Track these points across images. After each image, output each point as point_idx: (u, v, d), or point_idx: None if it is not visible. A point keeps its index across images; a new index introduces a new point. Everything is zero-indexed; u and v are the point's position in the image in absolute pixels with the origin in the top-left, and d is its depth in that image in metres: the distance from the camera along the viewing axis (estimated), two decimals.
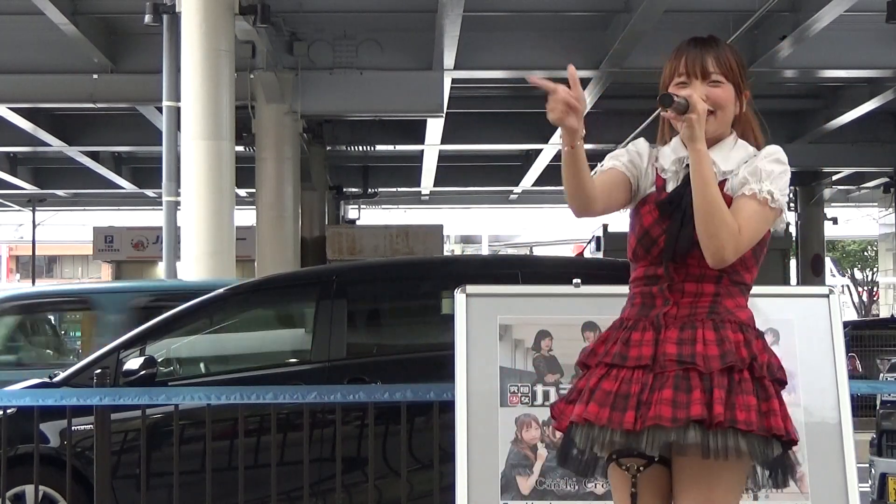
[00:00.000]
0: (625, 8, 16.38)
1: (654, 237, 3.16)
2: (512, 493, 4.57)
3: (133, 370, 6.59)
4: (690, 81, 3.20)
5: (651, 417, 3.01)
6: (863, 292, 49.43)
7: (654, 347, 3.10)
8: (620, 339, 3.16)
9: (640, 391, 3.05)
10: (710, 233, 3.05)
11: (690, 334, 3.10)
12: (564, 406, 3.19)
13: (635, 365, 3.09)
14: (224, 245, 12.30)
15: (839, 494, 4.55)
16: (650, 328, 3.14)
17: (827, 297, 4.78)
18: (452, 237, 51.16)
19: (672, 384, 3.03)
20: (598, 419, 3.05)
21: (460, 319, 4.68)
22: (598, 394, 3.09)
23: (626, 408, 3.04)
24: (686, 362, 3.06)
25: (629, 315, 3.22)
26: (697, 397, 3.01)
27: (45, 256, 56.56)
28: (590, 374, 3.17)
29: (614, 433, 3.04)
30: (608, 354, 3.15)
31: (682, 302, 3.14)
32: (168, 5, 13.08)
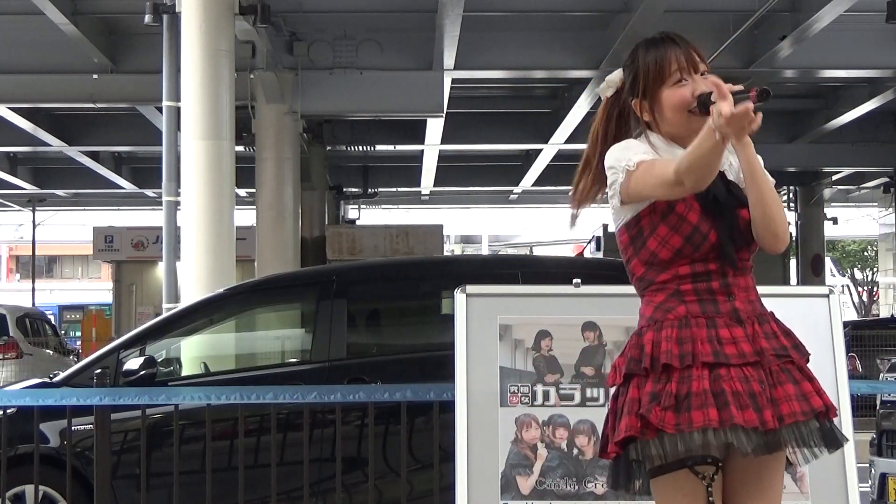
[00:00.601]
0: (625, 8, 16.38)
1: (703, 233, 3.11)
2: (512, 493, 4.56)
3: (133, 370, 6.60)
4: (689, 77, 3.18)
5: (788, 415, 3.02)
6: (863, 292, 49.42)
7: (750, 343, 3.07)
8: (707, 337, 3.05)
9: (762, 388, 3.02)
10: (776, 218, 3.11)
11: (769, 328, 3.14)
12: (662, 413, 2.99)
13: (740, 363, 3.04)
14: (224, 245, 12.29)
15: (839, 494, 4.55)
16: (734, 324, 3.09)
17: (827, 297, 4.78)
18: (452, 237, 51.16)
19: (787, 379, 3.07)
20: (747, 422, 2.96)
21: (460, 319, 4.68)
22: (729, 396, 2.97)
23: (761, 407, 3.00)
24: (783, 356, 3.10)
25: (691, 311, 3.10)
26: (810, 389, 3.08)
27: (45, 256, 56.53)
28: (681, 376, 3.01)
29: (755, 434, 2.98)
30: (703, 354, 3.03)
31: (741, 296, 3.14)
32: (168, 5, 13.07)
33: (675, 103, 3.17)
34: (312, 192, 23.14)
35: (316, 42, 18.00)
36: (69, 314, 39.34)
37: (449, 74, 18.19)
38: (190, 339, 7.42)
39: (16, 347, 21.15)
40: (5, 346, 20.98)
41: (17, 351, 21.12)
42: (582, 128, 21.79)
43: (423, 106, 18.57)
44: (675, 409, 2.99)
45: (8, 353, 20.92)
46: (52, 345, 23.34)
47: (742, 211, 3.14)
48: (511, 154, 28.70)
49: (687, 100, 3.15)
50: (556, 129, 22.31)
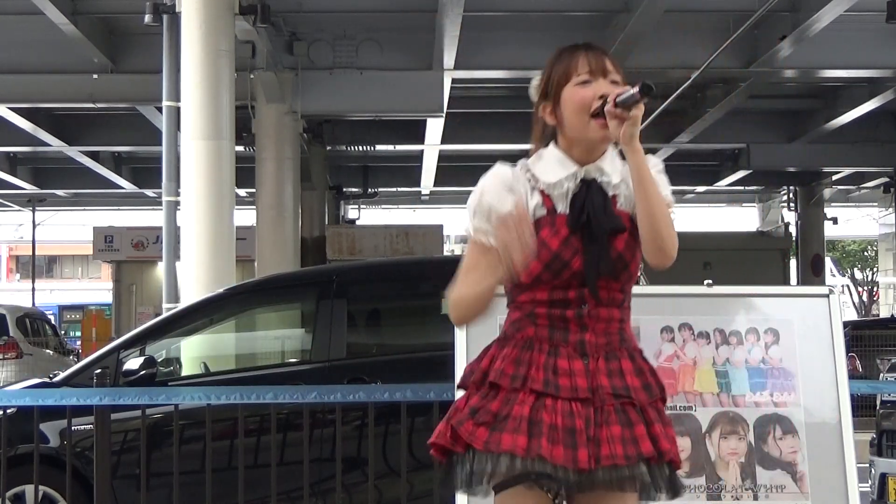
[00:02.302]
0: (625, 8, 16.38)
1: (565, 260, 2.98)
2: None
3: (133, 370, 6.60)
4: (595, 79, 3.04)
5: (606, 456, 2.91)
6: (863, 292, 49.42)
7: (587, 378, 2.97)
8: (544, 364, 2.97)
9: (586, 426, 2.92)
10: (663, 232, 2.96)
11: (616, 365, 3.01)
12: (475, 428, 2.95)
13: (571, 397, 2.94)
14: (224, 245, 12.29)
15: (839, 494, 4.55)
16: (576, 356, 2.99)
17: (827, 297, 4.78)
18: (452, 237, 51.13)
19: (617, 419, 2.95)
20: (553, 457, 2.87)
21: None
22: (544, 427, 2.90)
23: (577, 445, 2.90)
24: (622, 396, 2.97)
25: (539, 335, 3.01)
26: (642, 433, 2.96)
27: (45, 256, 56.53)
28: (507, 397, 2.95)
29: (565, 471, 2.88)
30: (534, 380, 2.95)
31: (598, 328, 3.01)
32: (168, 5, 13.07)
33: (576, 102, 3.03)
34: (312, 192, 23.14)
35: (316, 42, 18.00)
36: (69, 314, 39.36)
37: (449, 74, 18.19)
38: (190, 339, 7.42)
39: (16, 347, 21.15)
40: (5, 346, 20.98)
41: (17, 351, 21.12)
42: None
43: (423, 106, 18.57)
44: (489, 426, 2.94)
45: (8, 353, 20.92)
46: (52, 345, 23.34)
47: (616, 241, 3.01)
48: (511, 154, 28.59)
49: (587, 100, 3.01)
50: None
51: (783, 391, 4.65)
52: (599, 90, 3.01)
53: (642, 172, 2.96)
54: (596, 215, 3.00)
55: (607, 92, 2.99)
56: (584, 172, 3.06)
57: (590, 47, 3.10)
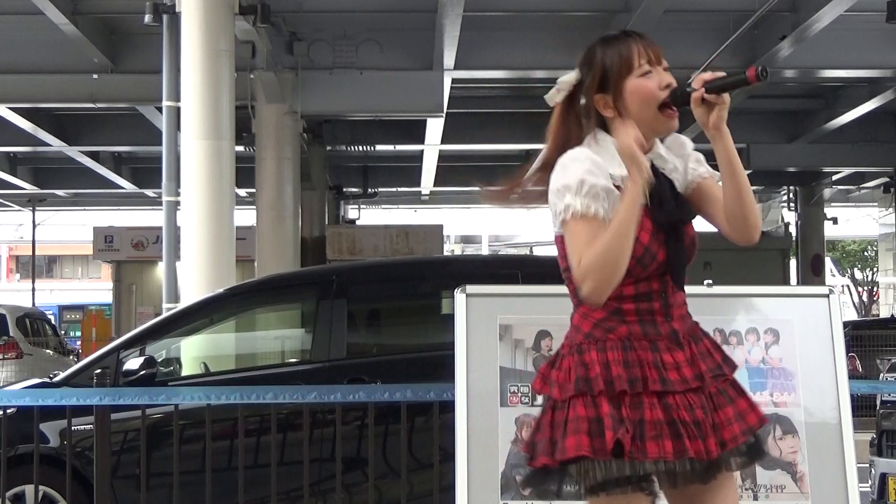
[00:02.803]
0: (625, 8, 16.38)
1: (654, 252, 3.01)
2: (512, 493, 4.56)
3: (133, 370, 6.60)
4: (655, 69, 3.05)
5: (730, 440, 2.99)
6: (863, 292, 49.42)
7: (691, 367, 3.00)
8: (651, 362, 2.97)
9: (706, 415, 2.97)
10: (752, 212, 3.05)
11: (703, 347, 3.08)
12: (632, 439, 2.91)
13: (684, 389, 2.97)
14: (224, 245, 12.29)
15: (839, 494, 4.55)
16: (675, 347, 3.01)
17: (827, 297, 4.78)
18: (452, 237, 51.15)
19: (724, 401, 3.02)
20: (698, 454, 2.92)
21: (460, 319, 4.68)
22: (680, 427, 2.92)
23: (705, 435, 2.94)
24: (718, 375, 3.05)
25: (633, 333, 3.00)
26: (745, 406, 3.05)
27: (45, 256, 56.53)
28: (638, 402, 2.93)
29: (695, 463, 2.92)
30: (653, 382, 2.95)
31: (676, 315, 3.06)
32: (168, 5, 13.07)
33: (642, 94, 3.02)
34: (312, 192, 23.14)
35: (316, 42, 17.99)
36: (69, 314, 39.36)
37: (449, 74, 18.19)
38: (190, 339, 7.42)
39: (16, 347, 21.15)
40: (5, 346, 20.98)
41: (17, 351, 21.12)
42: None
43: (423, 106, 18.56)
44: (631, 436, 2.91)
45: (8, 353, 20.92)
46: (52, 345, 23.34)
47: (687, 227, 3.08)
48: (511, 154, 28.70)
49: (654, 91, 3.01)
50: None
51: (783, 391, 4.65)
52: (663, 80, 3.03)
53: (731, 155, 3.01)
54: (669, 204, 3.05)
55: (670, 81, 3.01)
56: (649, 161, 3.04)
57: (638, 36, 3.11)
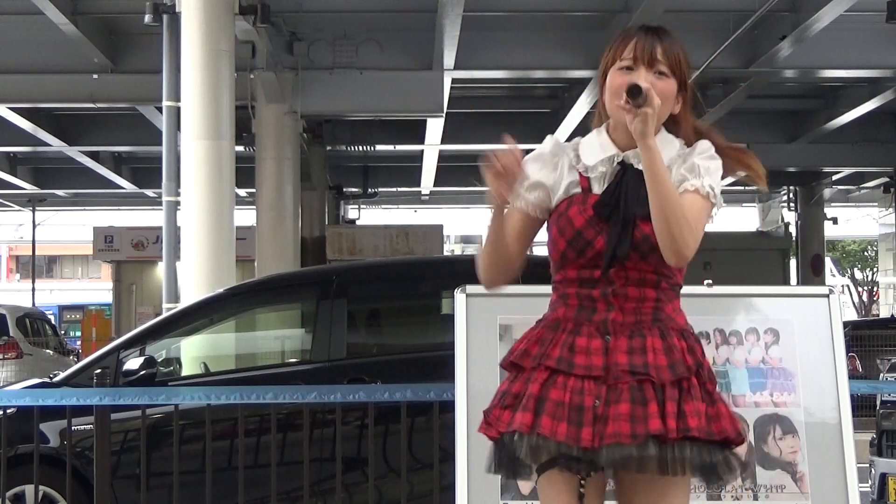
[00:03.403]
0: (625, 8, 16.38)
1: (588, 239, 3.02)
2: (512, 493, 4.56)
3: (133, 370, 6.60)
4: (636, 67, 3.03)
5: (610, 435, 2.89)
6: (863, 292, 49.43)
7: (603, 357, 2.97)
8: (562, 342, 3.01)
9: (595, 405, 2.92)
10: (672, 232, 2.91)
11: (640, 343, 2.99)
12: (501, 412, 3.01)
13: (584, 374, 2.95)
14: (224, 245, 12.29)
15: (839, 494, 4.55)
16: (597, 335, 3.00)
17: (827, 297, 4.78)
18: (452, 237, 51.14)
19: (628, 397, 2.92)
20: (555, 434, 2.90)
21: (460, 319, 4.67)
22: (549, 405, 2.93)
23: (583, 423, 2.90)
24: (640, 373, 2.94)
25: (566, 316, 3.06)
26: (654, 411, 2.91)
27: (45, 256, 56.53)
28: (527, 377, 3.00)
29: (570, 448, 2.91)
30: (548, 357, 2.99)
31: (627, 308, 3.01)
32: (168, 5, 13.07)
33: (612, 87, 3.05)
34: (312, 192, 23.15)
35: (316, 42, 17.99)
36: (69, 314, 39.36)
37: (449, 74, 18.19)
38: (190, 339, 7.42)
39: (16, 347, 21.15)
40: (5, 346, 20.98)
41: (17, 351, 21.12)
42: (582, 128, 21.80)
43: (423, 106, 18.56)
44: (511, 408, 2.99)
45: (8, 353, 20.92)
46: (52, 345, 23.34)
47: (644, 224, 2.99)
48: None
49: (620, 87, 2.98)
50: (556, 130, 22.31)
51: (783, 391, 4.65)
52: (637, 79, 2.99)
53: (653, 171, 2.92)
54: (626, 199, 3.01)
55: (642, 83, 2.95)
56: (622, 157, 3.07)
57: (649, 32, 3.09)
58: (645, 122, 2.90)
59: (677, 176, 3.03)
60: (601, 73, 3.14)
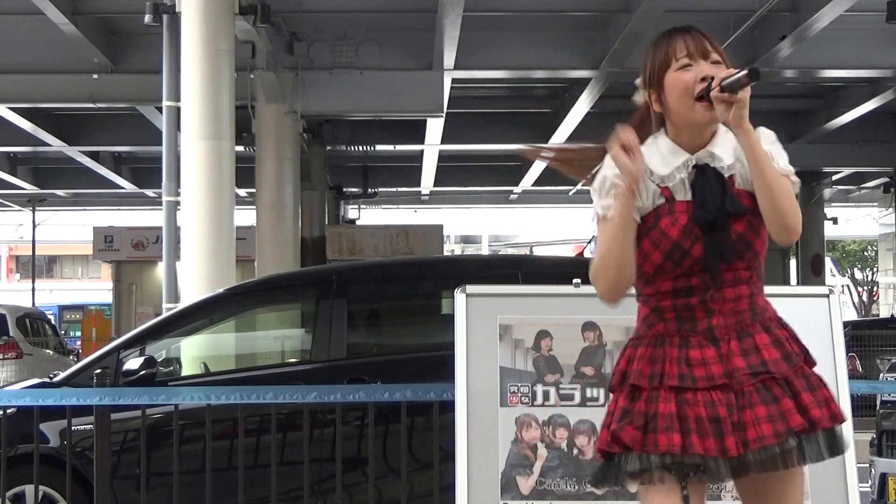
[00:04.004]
0: (625, 8, 16.38)
1: (685, 248, 3.01)
2: (512, 493, 4.57)
3: (133, 370, 6.60)
4: (696, 62, 3.03)
5: (754, 440, 2.92)
6: (863, 292, 49.43)
7: (721, 364, 2.98)
8: (677, 358, 2.99)
9: (729, 413, 2.94)
10: (784, 208, 2.95)
11: (750, 343, 3.01)
12: (634, 432, 2.97)
13: (708, 385, 2.96)
14: (224, 245, 12.29)
15: (839, 494, 4.55)
16: (707, 343, 3.00)
17: (827, 297, 4.78)
18: (452, 237, 51.16)
19: (759, 399, 2.95)
20: (707, 451, 2.91)
21: (460, 319, 4.68)
22: (691, 423, 2.93)
23: (724, 433, 2.92)
24: (760, 373, 2.98)
25: (668, 330, 3.04)
26: (790, 406, 2.95)
27: (45, 256, 56.54)
28: (652, 396, 2.98)
29: (717, 462, 2.92)
30: (669, 376, 2.98)
31: (725, 309, 3.03)
32: (168, 5, 13.06)
33: (679, 86, 3.03)
34: (312, 192, 23.14)
35: (316, 42, 17.99)
36: (69, 314, 39.34)
37: (449, 74, 18.19)
38: (190, 339, 7.42)
39: (16, 347, 21.15)
40: (5, 346, 20.97)
41: (17, 351, 21.12)
42: (582, 128, 21.80)
43: (423, 106, 18.56)
44: (643, 429, 2.97)
45: (8, 353, 20.92)
46: (52, 345, 23.34)
47: (736, 224, 3.01)
48: (511, 154, 28.71)
49: (689, 83, 3.01)
50: (556, 129, 22.32)
51: None
52: (701, 72, 3.00)
53: (756, 153, 2.95)
54: (714, 202, 3.00)
55: (710, 73, 2.98)
56: (695, 160, 3.06)
57: (689, 30, 3.10)
58: (743, 106, 2.91)
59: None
60: (650, 78, 3.10)
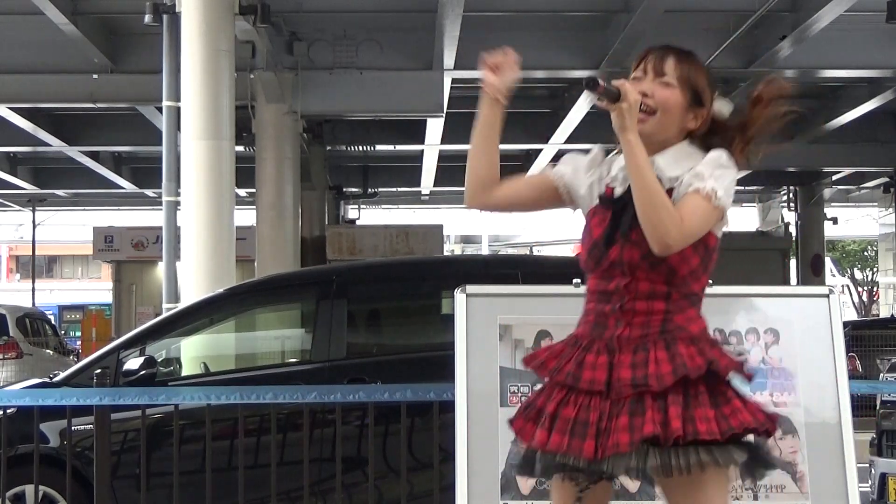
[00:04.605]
0: (625, 8, 16.37)
1: (603, 248, 3.12)
2: (512, 493, 4.57)
3: (133, 370, 6.60)
4: (644, 77, 3.17)
5: (610, 446, 2.99)
6: (863, 292, 49.42)
7: (607, 372, 3.07)
8: (575, 358, 3.12)
9: (599, 419, 3.03)
10: (652, 220, 3.00)
11: (643, 356, 3.06)
12: (524, 423, 3.16)
13: (588, 389, 3.07)
14: (224, 245, 12.29)
15: (839, 494, 4.55)
16: (604, 351, 3.10)
17: (827, 297, 4.78)
18: (452, 237, 51.14)
19: (627, 410, 3.01)
20: (560, 447, 3.04)
21: (460, 319, 4.68)
22: (560, 422, 3.07)
23: (586, 436, 3.02)
24: (640, 385, 3.02)
25: (583, 333, 3.18)
26: (650, 416, 2.98)
27: (45, 256, 56.53)
28: (547, 393, 3.15)
29: (577, 460, 3.03)
30: (560, 372, 3.12)
31: (635, 322, 3.09)
32: (168, 5, 13.06)
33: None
34: (312, 192, 23.14)
35: (316, 42, 17.99)
36: (69, 314, 39.34)
37: (449, 74, 18.18)
38: (190, 339, 7.42)
39: (16, 347, 21.15)
40: (5, 346, 20.98)
41: (17, 351, 21.12)
42: (582, 128, 21.80)
43: (423, 106, 18.56)
44: (534, 421, 3.13)
45: (8, 353, 20.92)
46: (52, 345, 23.34)
47: None
48: (511, 154, 28.70)
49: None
50: (556, 129, 22.32)
51: (783, 391, 4.65)
52: (625, 82, 3.09)
53: (635, 160, 3.03)
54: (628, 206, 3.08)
55: (644, 90, 3.11)
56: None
57: (659, 48, 3.23)
58: (621, 116, 3.02)
59: (685, 183, 3.10)
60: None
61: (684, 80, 3.17)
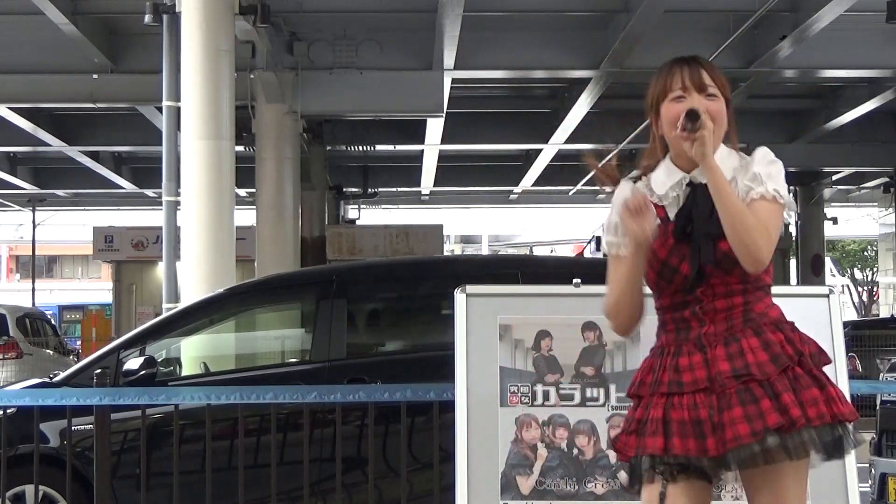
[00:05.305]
0: (625, 8, 16.38)
1: (673, 266, 3.21)
2: (512, 493, 4.57)
3: (133, 370, 6.60)
4: (689, 94, 3.21)
5: (731, 439, 3.06)
6: (863, 292, 49.43)
7: (706, 369, 3.14)
8: (669, 366, 3.19)
9: (710, 415, 3.10)
10: (745, 241, 3.09)
11: (736, 347, 3.15)
12: (626, 438, 3.23)
13: (693, 390, 3.14)
14: (224, 245, 12.29)
15: (839, 494, 4.55)
16: (695, 350, 3.18)
17: (827, 297, 4.78)
18: (452, 237, 51.17)
19: (738, 401, 3.08)
20: (686, 451, 3.09)
21: (460, 319, 4.68)
22: (674, 426, 3.13)
23: (704, 434, 3.09)
24: (742, 375, 3.10)
25: (667, 341, 3.24)
26: (768, 406, 3.06)
27: (45, 256, 56.55)
28: (647, 403, 3.20)
29: (701, 461, 3.10)
30: (661, 384, 3.18)
31: (717, 319, 3.18)
32: (168, 5, 13.06)
33: (668, 117, 3.21)
34: (312, 192, 23.14)
35: (316, 42, 17.99)
36: (69, 314, 39.32)
37: (449, 74, 18.19)
38: (190, 339, 7.42)
39: (16, 347, 21.15)
40: (5, 346, 20.97)
41: (17, 351, 21.12)
42: (581, 128, 21.81)
43: (423, 106, 18.57)
44: (637, 433, 3.20)
45: (8, 353, 20.92)
46: (52, 345, 23.33)
47: (721, 242, 3.16)
48: (511, 154, 28.72)
49: (677, 116, 3.17)
50: (556, 129, 22.32)
51: None
52: (691, 105, 3.16)
53: (718, 188, 3.11)
54: (700, 215, 3.17)
55: (697, 107, 3.14)
56: (688, 178, 3.24)
57: (689, 61, 3.27)
58: (704, 143, 3.11)
59: (743, 188, 3.19)
60: (651, 106, 3.29)
61: (722, 88, 3.26)
